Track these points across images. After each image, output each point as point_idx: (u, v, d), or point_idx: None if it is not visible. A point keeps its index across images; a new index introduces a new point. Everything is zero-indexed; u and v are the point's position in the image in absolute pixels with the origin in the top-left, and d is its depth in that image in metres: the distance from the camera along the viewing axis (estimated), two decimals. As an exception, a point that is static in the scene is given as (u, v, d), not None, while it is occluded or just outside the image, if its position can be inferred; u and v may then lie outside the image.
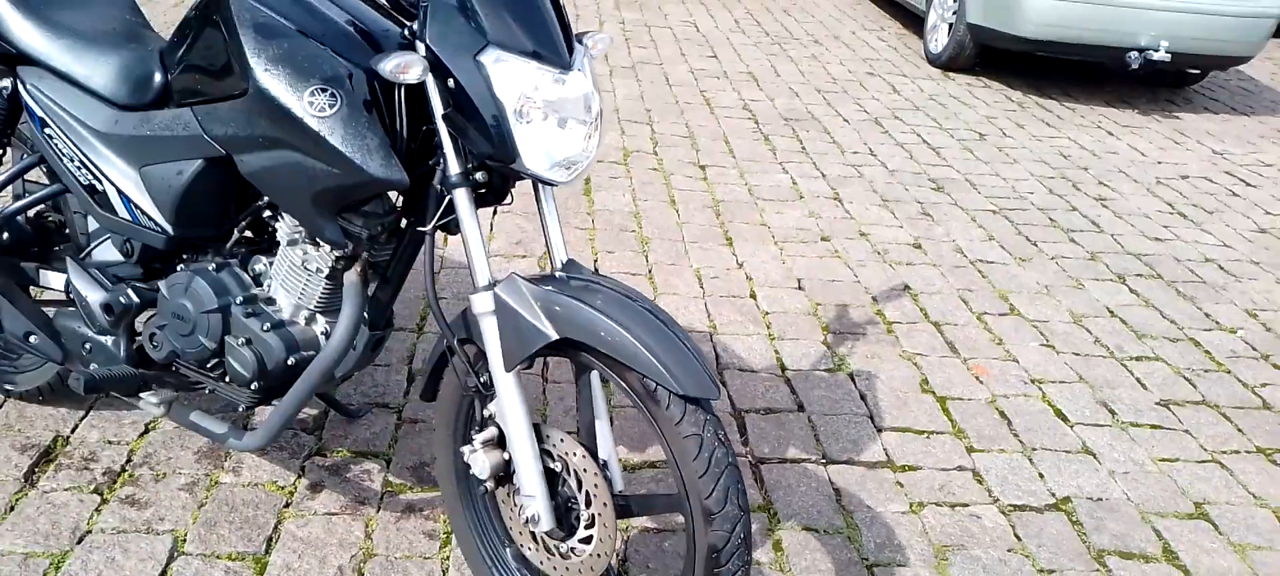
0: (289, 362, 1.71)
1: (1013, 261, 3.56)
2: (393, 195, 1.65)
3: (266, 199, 1.71)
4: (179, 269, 1.79)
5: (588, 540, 1.59)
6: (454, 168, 1.47)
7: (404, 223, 1.70)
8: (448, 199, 1.51)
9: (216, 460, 2.09)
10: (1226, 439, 2.58)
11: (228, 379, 1.75)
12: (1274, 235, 4.08)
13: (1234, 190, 4.60)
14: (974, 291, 3.29)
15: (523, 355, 1.48)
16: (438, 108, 1.44)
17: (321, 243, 1.66)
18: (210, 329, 1.72)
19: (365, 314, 1.73)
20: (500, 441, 1.61)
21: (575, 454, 1.57)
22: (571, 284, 1.50)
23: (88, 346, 1.84)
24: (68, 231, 1.99)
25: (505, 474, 1.61)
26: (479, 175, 1.52)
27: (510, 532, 1.73)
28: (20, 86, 1.81)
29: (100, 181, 1.74)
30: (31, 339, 1.86)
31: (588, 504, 1.56)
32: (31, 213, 1.98)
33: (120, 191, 1.72)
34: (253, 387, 1.72)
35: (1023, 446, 2.47)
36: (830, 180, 4.19)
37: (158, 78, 1.70)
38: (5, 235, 1.93)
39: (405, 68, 1.38)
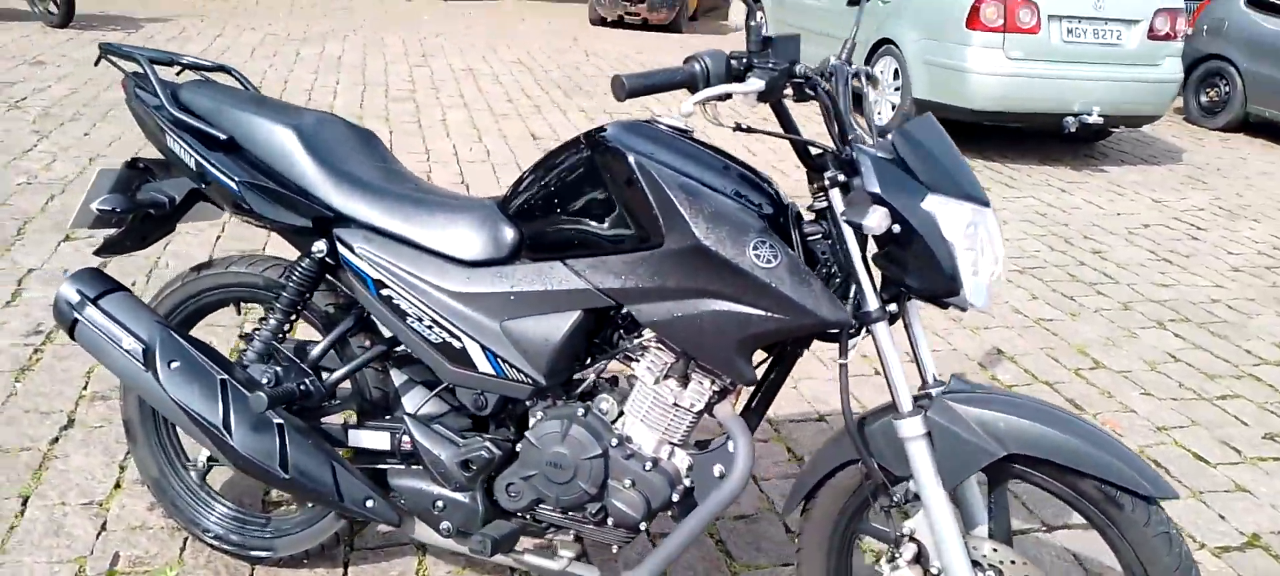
0: (672, 499, 1.69)
1: (1067, 317, 3.86)
2: None
3: (634, 342, 1.69)
4: (538, 418, 1.72)
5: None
6: (874, 303, 1.52)
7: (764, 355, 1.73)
8: (860, 330, 1.57)
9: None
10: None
11: (611, 521, 1.70)
12: (1249, 273, 4.61)
13: (1192, 236, 5.15)
14: (1054, 349, 3.54)
15: (966, 473, 1.52)
16: (855, 251, 1.51)
17: (692, 380, 1.67)
18: (592, 474, 1.67)
19: None
20: (919, 556, 1.65)
21: (1010, 559, 1.60)
22: (990, 398, 1.57)
23: (440, 504, 1.73)
24: (362, 390, 1.87)
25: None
26: (891, 307, 1.59)
27: None
28: (343, 250, 1.72)
29: (458, 338, 1.66)
30: (369, 504, 1.73)
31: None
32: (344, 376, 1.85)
33: (484, 347, 1.66)
34: (641, 527, 1.68)
35: (1191, 491, 2.68)
36: (865, 254, 4.41)
37: (510, 233, 1.67)
38: (334, 401, 1.80)
39: (879, 220, 1.45)
